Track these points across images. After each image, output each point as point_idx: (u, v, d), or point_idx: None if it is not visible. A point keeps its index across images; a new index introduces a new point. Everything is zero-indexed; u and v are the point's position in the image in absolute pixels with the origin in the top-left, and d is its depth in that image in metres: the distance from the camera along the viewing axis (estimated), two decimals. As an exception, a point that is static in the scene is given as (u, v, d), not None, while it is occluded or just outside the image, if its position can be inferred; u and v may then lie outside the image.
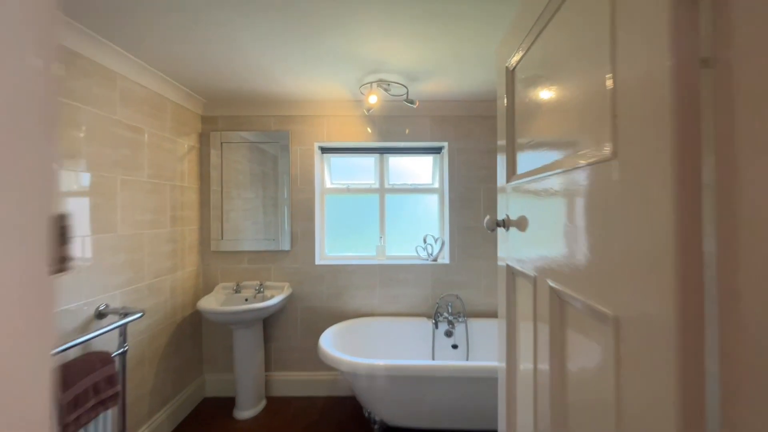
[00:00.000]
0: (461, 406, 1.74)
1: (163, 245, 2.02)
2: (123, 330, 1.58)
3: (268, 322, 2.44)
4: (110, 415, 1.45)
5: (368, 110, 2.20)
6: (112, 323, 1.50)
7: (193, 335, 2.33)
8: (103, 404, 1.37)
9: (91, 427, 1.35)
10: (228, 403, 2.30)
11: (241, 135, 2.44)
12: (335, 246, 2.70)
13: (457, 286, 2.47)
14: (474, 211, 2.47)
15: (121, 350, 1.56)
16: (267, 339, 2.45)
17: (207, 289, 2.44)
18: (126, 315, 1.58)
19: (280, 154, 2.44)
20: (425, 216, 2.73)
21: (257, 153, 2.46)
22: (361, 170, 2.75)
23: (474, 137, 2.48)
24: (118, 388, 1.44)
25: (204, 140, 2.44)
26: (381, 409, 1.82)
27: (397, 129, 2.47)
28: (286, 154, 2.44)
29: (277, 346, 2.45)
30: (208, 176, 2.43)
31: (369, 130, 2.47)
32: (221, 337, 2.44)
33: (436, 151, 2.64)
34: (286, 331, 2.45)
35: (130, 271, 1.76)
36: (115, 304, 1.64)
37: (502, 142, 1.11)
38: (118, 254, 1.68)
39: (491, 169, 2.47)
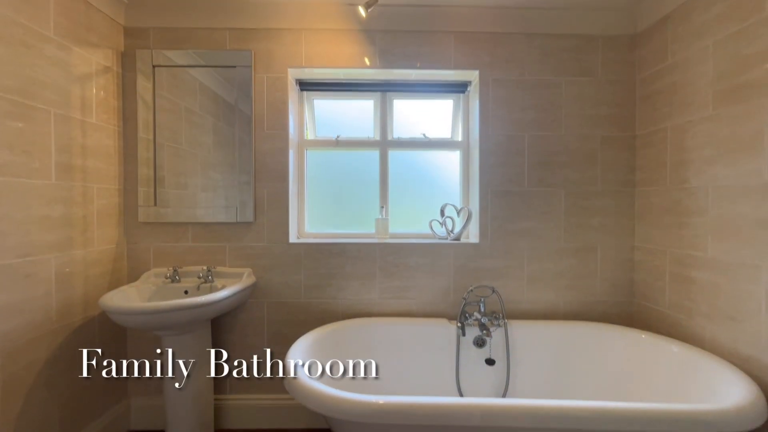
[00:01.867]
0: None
1: (42, 206, 1.28)
2: None
3: (220, 325, 1.71)
4: None
5: (367, 5, 1.43)
6: None
7: (110, 344, 1.60)
8: None
9: None
10: (161, 442, 1.58)
11: (183, 56, 1.69)
12: (318, 221, 1.97)
13: (490, 275, 1.74)
14: (515, 168, 1.74)
15: None
16: (219, 348, 1.72)
17: (133, 277, 1.70)
18: None
19: (239, 86, 1.69)
20: (443, 182, 2.00)
21: (206, 83, 1.71)
22: (356, 120, 2.01)
23: (517, 64, 1.74)
24: None
25: (128, 62, 1.68)
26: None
27: (405, 50, 1.73)
28: (247, 86, 1.69)
29: (233, 359, 1.72)
30: (134, 116, 1.68)
31: (367, 60, 1.72)
32: (155, 343, 1.71)
33: (460, 89, 1.90)
34: (246, 337, 1.72)
35: (-46, 243, 1.02)
36: None
37: None
38: None
39: (541, 110, 1.74)
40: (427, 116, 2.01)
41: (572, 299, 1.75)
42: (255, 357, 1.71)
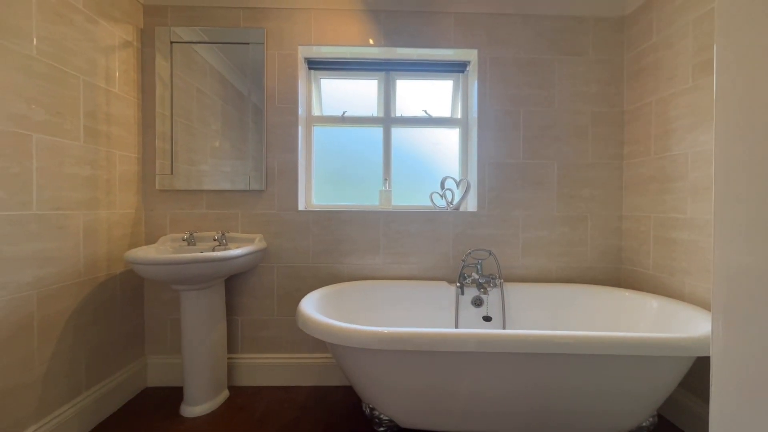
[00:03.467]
0: (526, 403, 1.13)
1: (72, 165, 1.38)
2: (-36, 272, 0.94)
3: (234, 287, 1.81)
4: None
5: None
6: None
7: (130, 303, 1.70)
8: None
9: None
10: (177, 395, 1.67)
11: (199, 33, 1.79)
12: (325, 195, 2.07)
13: (487, 242, 1.85)
14: (511, 142, 1.86)
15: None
16: (232, 311, 1.82)
17: (150, 241, 1.80)
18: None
19: (252, 62, 1.80)
20: (442, 159, 2.11)
21: (222, 59, 1.81)
22: (360, 99, 2.12)
23: (513, 44, 1.85)
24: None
25: (146, 39, 1.78)
26: (390, 405, 1.21)
27: (408, 29, 1.84)
28: (259, 62, 1.80)
29: (245, 320, 1.82)
30: (152, 90, 1.78)
31: (371, 40, 1.83)
32: (170, 307, 1.81)
33: (459, 69, 2.01)
34: (257, 299, 1.82)
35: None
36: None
37: None
38: (-32, 154, 1.04)
39: (535, 87, 1.85)
40: (428, 96, 2.12)
41: (564, 265, 1.86)
42: (265, 317, 1.82)
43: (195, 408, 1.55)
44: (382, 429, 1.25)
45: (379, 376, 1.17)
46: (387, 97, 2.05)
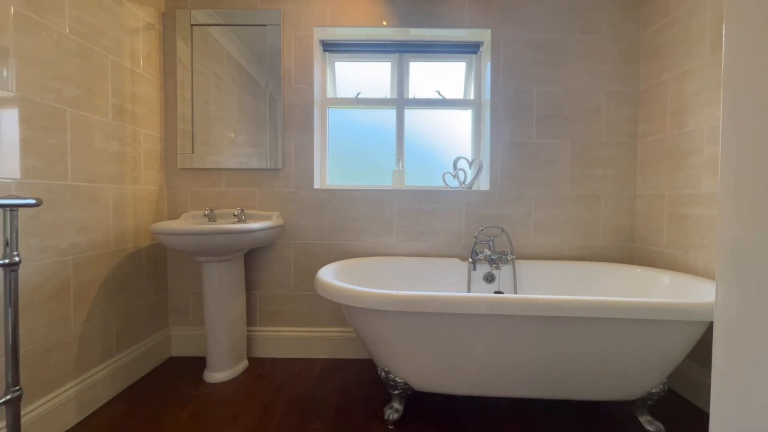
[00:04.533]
0: (537, 368, 1.17)
1: (102, 140, 1.45)
2: (11, 231, 1.01)
3: (252, 262, 1.88)
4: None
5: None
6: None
7: (154, 276, 1.78)
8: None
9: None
10: (200, 364, 1.76)
11: (218, 16, 1.84)
12: (338, 176, 2.11)
13: (499, 221, 1.88)
14: (524, 122, 1.87)
15: (6, 260, 1.00)
16: (250, 285, 1.89)
17: (173, 216, 1.87)
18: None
19: (269, 44, 1.84)
20: (454, 140, 2.13)
21: (239, 47, 1.86)
22: (374, 82, 2.14)
23: (528, 23, 1.85)
24: (-16, 311, 0.89)
25: (168, 23, 1.84)
26: (404, 368, 1.26)
27: (422, 9, 1.85)
28: (276, 44, 1.84)
29: (263, 295, 1.89)
30: (173, 73, 1.84)
31: (385, 22, 1.85)
32: (192, 281, 1.88)
33: (472, 50, 2.02)
34: (275, 275, 1.89)
35: (38, 158, 1.19)
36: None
37: None
38: (8, 126, 1.11)
39: (549, 66, 1.85)
40: (441, 78, 2.14)
41: (576, 244, 1.88)
42: (283, 292, 1.88)
43: (217, 374, 1.63)
44: (397, 392, 1.31)
45: (394, 339, 1.21)
46: (400, 79, 2.08)
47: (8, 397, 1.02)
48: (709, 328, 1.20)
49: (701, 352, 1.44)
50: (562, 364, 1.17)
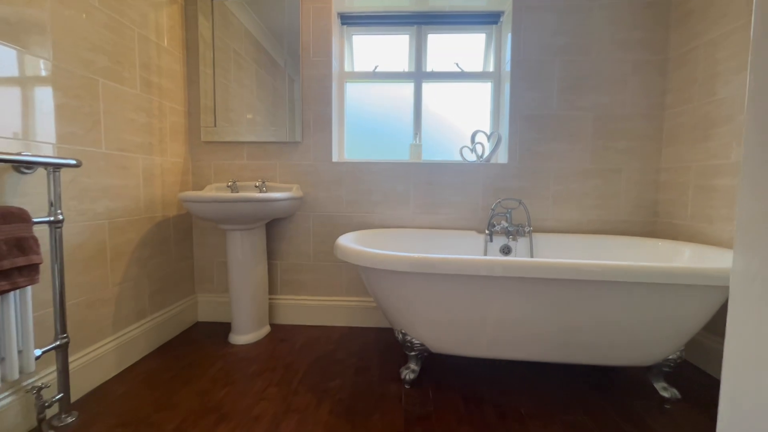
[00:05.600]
0: (553, 332, 1.19)
1: (131, 111, 1.51)
2: (55, 190, 1.08)
3: (273, 233, 1.94)
4: (29, 296, 0.98)
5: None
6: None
7: (181, 245, 1.87)
8: (6, 277, 0.90)
9: (-12, 309, 0.89)
10: (225, 329, 1.85)
11: (237, -11, 1.85)
12: (356, 150, 2.13)
13: (517, 194, 1.87)
14: (544, 92, 1.83)
15: (51, 218, 1.08)
16: (271, 255, 1.96)
17: (198, 188, 1.94)
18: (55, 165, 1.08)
19: (288, 16, 1.85)
20: (473, 114, 2.11)
21: (258, 18, 1.87)
22: (392, 55, 2.13)
23: (550, -11, 1.79)
24: (37, 259, 0.97)
25: (190, -4, 1.87)
26: (420, 330, 1.30)
27: (443, -21, 1.82)
28: (294, 19, 1.84)
29: (284, 265, 1.96)
30: (195, 48, 1.88)
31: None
32: (216, 251, 1.96)
33: (492, 20, 1.97)
34: (295, 245, 1.95)
35: (73, 124, 1.25)
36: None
37: None
38: (46, 93, 1.17)
39: (573, 35, 1.80)
40: (460, 51, 2.10)
41: (596, 218, 1.85)
42: (302, 262, 1.94)
43: (242, 337, 1.72)
44: (413, 353, 1.35)
45: (411, 301, 1.25)
46: (418, 51, 2.05)
47: (58, 342, 1.11)
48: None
49: (718, 323, 1.42)
50: (578, 329, 1.19)
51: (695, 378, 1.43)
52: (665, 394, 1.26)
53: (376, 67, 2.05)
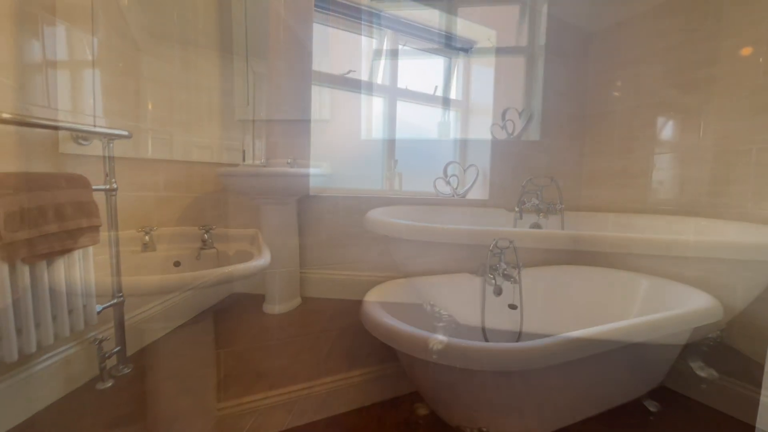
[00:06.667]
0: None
1: (171, 89, 1.58)
2: (109, 161, 1.17)
3: (303, 210, 2.00)
4: (91, 255, 1.08)
5: None
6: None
7: (217, 220, 1.95)
8: (71, 237, 0.99)
9: (60, 262, 0.98)
10: (258, 300, 1.95)
11: (269, -33, 1.87)
12: (384, 130, 2.14)
13: (548, 172, 1.83)
14: (581, 69, 1.76)
15: (107, 186, 1.16)
16: (302, 231, 2.02)
17: (231, 165, 2.02)
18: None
19: (318, -7, 1.85)
20: (504, 90, 2.05)
21: None
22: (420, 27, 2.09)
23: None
24: (97, 221, 1.05)
25: (223, -24, 1.90)
26: (450, 301, 1.32)
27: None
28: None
29: (314, 241, 2.02)
30: (229, 27, 1.93)
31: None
32: (249, 226, 2.05)
33: (528, -10, 1.90)
34: (323, 222, 2.00)
35: (118, 102, 1.33)
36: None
37: None
38: (92, 70, 1.24)
39: (615, 4, 1.70)
40: (493, 23, 2.04)
41: (634, 198, 1.79)
42: (331, 238, 2.00)
43: (276, 306, 1.80)
44: (441, 324, 1.38)
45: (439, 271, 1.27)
46: (449, 26, 2.01)
47: (114, 300, 1.21)
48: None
49: (762, 303, 1.35)
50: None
51: (729, 357, 1.38)
52: (702, 374, 1.23)
53: (405, 43, 2.03)
